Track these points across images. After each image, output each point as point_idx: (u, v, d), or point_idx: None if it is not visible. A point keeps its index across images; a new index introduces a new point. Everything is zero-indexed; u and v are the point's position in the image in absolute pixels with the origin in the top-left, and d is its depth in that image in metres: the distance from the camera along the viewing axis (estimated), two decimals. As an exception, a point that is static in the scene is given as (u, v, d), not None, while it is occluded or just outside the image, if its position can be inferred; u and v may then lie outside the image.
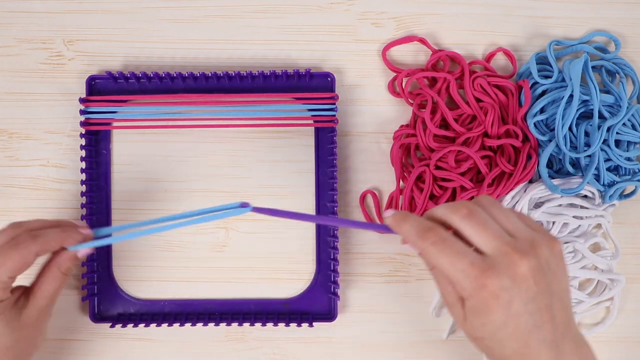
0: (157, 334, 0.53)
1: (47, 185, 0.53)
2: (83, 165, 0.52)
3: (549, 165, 0.52)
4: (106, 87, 0.53)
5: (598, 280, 0.53)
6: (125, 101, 0.52)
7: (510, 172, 0.50)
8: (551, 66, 0.52)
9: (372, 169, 0.54)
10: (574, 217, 0.51)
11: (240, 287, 0.53)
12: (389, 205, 0.53)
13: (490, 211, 0.39)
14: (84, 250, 0.44)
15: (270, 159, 0.53)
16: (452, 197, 0.51)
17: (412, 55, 0.54)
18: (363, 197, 0.53)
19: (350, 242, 0.53)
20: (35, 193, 0.53)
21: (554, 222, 0.51)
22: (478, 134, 0.51)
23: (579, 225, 0.52)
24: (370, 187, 0.54)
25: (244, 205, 0.41)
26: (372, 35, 0.54)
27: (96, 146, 0.53)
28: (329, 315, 0.52)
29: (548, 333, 0.37)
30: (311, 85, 0.53)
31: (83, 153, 0.52)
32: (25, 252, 0.42)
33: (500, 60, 0.54)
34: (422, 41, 0.54)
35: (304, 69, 0.52)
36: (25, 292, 0.44)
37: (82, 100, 0.51)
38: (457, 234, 0.38)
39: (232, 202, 0.42)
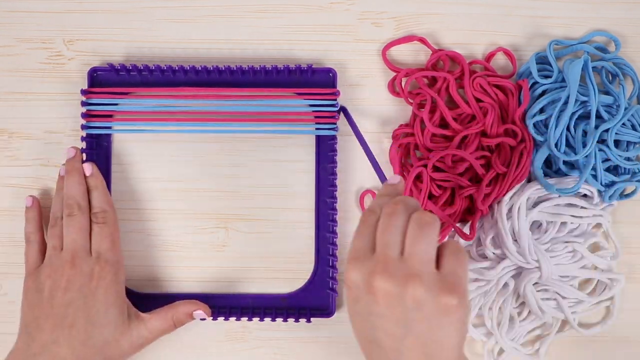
0: (157, 334, 0.53)
1: (47, 185, 0.53)
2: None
3: (549, 165, 0.53)
4: (108, 80, 0.53)
5: (598, 280, 0.53)
6: (126, 93, 0.52)
7: (504, 172, 0.50)
8: (551, 66, 0.53)
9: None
10: (572, 216, 0.51)
11: (239, 282, 0.53)
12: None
13: (407, 222, 0.37)
14: (200, 314, 0.50)
15: (270, 159, 0.53)
16: (451, 197, 0.51)
17: (412, 55, 0.54)
18: (363, 197, 0.53)
19: (350, 241, 0.53)
20: (36, 193, 0.53)
21: (552, 222, 0.51)
22: (476, 132, 0.51)
23: (579, 225, 0.52)
24: (370, 187, 0.54)
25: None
26: (372, 35, 0.54)
27: (97, 149, 0.52)
28: (327, 311, 0.52)
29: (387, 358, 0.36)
30: (312, 81, 0.53)
31: (84, 156, 0.52)
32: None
33: (500, 60, 0.54)
34: (422, 41, 0.54)
35: (306, 64, 0.52)
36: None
37: (83, 92, 0.51)
38: None
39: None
